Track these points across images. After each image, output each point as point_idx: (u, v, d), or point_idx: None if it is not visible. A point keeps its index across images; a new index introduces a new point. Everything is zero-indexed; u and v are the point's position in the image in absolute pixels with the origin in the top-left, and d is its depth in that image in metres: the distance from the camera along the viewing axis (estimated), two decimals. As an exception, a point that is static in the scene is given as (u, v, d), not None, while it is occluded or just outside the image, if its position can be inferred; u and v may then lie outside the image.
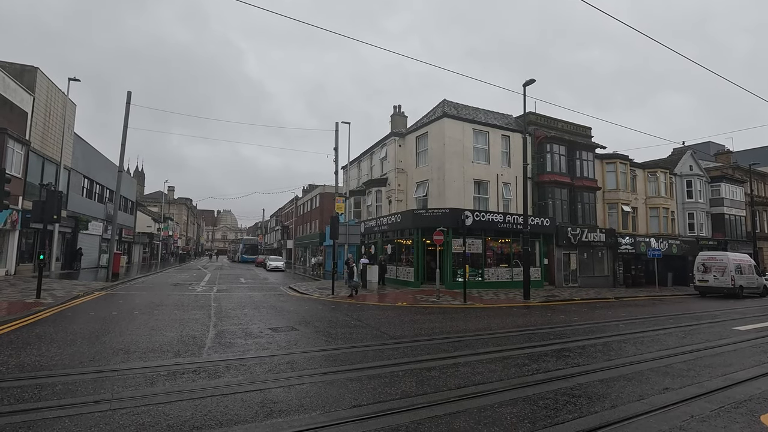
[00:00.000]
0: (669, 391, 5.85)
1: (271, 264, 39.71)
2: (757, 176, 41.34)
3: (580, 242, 26.32)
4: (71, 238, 27.56)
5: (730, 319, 13.92)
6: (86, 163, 28.93)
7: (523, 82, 18.87)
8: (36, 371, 5.95)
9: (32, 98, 21.46)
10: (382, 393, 5.47)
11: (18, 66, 21.57)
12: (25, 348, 7.21)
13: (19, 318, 9.84)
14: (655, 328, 11.69)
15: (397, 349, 8.17)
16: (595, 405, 5.23)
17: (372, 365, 6.86)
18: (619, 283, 28.63)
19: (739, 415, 5.03)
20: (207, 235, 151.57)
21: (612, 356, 8.05)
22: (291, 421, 4.46)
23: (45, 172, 22.83)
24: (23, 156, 20.36)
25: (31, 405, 4.74)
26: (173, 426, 4.29)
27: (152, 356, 6.97)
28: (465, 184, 23.71)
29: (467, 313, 13.80)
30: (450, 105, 26.00)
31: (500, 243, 24.02)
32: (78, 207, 27.67)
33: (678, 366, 7.35)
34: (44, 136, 22.76)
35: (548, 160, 26.65)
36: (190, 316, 11.21)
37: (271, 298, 16.67)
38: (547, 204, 26.13)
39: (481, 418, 4.71)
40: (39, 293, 12.78)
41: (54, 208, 13.26)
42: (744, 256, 25.59)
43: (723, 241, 34.51)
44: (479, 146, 24.76)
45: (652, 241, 29.77)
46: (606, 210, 29.63)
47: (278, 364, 6.78)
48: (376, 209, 28.36)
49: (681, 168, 34.91)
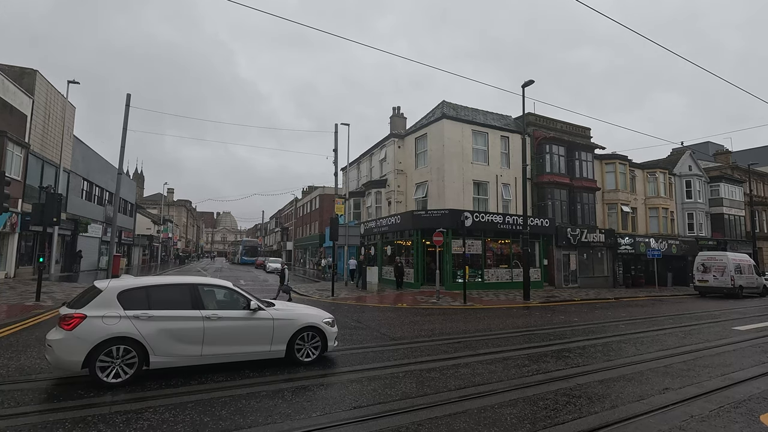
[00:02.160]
0: (669, 392, 5.86)
1: (271, 266, 39.76)
2: (756, 176, 41.39)
3: (580, 243, 26.33)
4: (71, 240, 27.55)
5: (730, 319, 13.93)
6: (86, 165, 28.94)
7: (522, 83, 18.90)
8: (36, 374, 5.96)
9: (31, 101, 21.47)
10: (383, 394, 5.48)
11: (17, 69, 21.59)
12: (26, 351, 7.21)
13: (18, 321, 9.85)
14: (655, 329, 11.70)
15: (397, 350, 8.18)
16: (595, 405, 5.24)
17: (372, 366, 6.87)
18: (618, 284, 28.64)
19: (739, 414, 5.04)
20: (207, 237, 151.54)
21: (612, 357, 8.06)
22: (292, 423, 4.47)
23: (44, 174, 22.83)
24: (23, 158, 20.36)
25: (32, 408, 4.76)
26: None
27: (152, 358, 6.96)
28: (464, 185, 23.73)
29: (467, 314, 13.80)
30: (449, 106, 26.03)
31: (500, 244, 24.03)
32: (78, 209, 27.66)
33: (678, 366, 7.36)
34: (44, 139, 22.77)
35: (547, 160, 26.67)
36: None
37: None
38: (546, 205, 26.14)
39: (481, 419, 4.72)
40: (39, 296, 12.77)
41: (53, 210, 13.26)
42: (743, 256, 25.61)
43: (722, 241, 34.54)
44: (478, 147, 24.79)
45: (651, 242, 29.78)
46: (605, 210, 29.64)
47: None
48: (376, 210, 28.37)
49: (680, 168, 34.95)
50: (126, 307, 5.71)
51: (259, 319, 6.57)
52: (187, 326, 5.96)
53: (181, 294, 6.21)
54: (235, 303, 6.61)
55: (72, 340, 5.31)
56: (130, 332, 5.55)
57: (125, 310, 5.68)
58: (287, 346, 6.71)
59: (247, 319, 6.48)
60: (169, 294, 6.15)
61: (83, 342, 5.33)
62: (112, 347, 5.44)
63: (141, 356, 5.59)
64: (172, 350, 5.80)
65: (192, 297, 6.22)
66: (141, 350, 5.60)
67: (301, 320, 6.93)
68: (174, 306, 6.02)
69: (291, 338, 6.74)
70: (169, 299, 6.06)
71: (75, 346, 5.30)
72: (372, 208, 28.86)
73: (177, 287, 6.31)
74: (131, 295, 5.85)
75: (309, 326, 6.95)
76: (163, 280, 6.45)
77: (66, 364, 5.36)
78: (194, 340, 5.96)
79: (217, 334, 6.16)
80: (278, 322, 6.69)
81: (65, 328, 5.37)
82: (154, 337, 5.68)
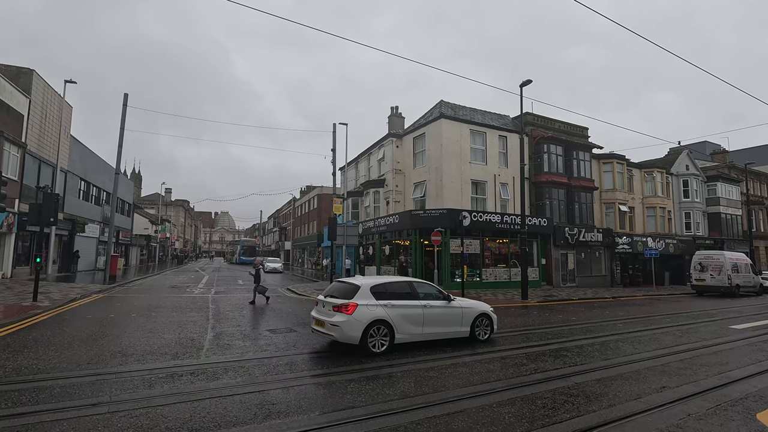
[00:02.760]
0: (666, 390, 5.88)
1: (269, 266, 39.68)
2: (753, 175, 41.54)
3: (578, 242, 26.39)
4: (68, 240, 27.45)
5: (727, 318, 13.99)
6: (83, 165, 28.83)
7: (520, 83, 18.93)
8: (33, 374, 5.94)
9: (28, 100, 21.38)
10: (381, 393, 5.48)
11: (14, 68, 21.49)
12: (23, 351, 7.18)
13: (15, 321, 9.80)
14: (652, 327, 11.74)
15: (394, 349, 8.17)
16: (592, 404, 5.25)
17: (370, 366, 6.87)
18: (616, 283, 28.72)
19: (736, 413, 5.06)
20: (205, 236, 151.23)
21: (609, 355, 8.09)
22: (290, 423, 4.47)
23: (41, 174, 22.73)
24: (19, 158, 20.28)
25: (28, 408, 4.73)
26: (172, 428, 4.29)
27: (150, 359, 6.96)
28: (463, 185, 23.75)
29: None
30: (447, 106, 26.05)
31: (498, 243, 24.06)
32: (75, 209, 27.56)
33: (675, 365, 7.39)
34: (40, 139, 22.68)
35: (545, 160, 26.72)
36: (188, 318, 11.19)
37: (269, 299, 16.63)
38: (544, 204, 26.19)
39: (479, 418, 4.73)
40: (36, 296, 12.72)
41: (50, 210, 13.21)
42: (740, 255, 25.72)
43: (719, 240, 34.66)
44: (476, 147, 24.82)
45: (649, 241, 29.87)
46: (603, 210, 29.71)
47: (277, 365, 6.79)
48: (374, 210, 28.37)
49: (677, 168, 35.07)
50: (377, 298, 7.89)
51: (454, 307, 8.77)
52: (415, 312, 8.16)
53: (403, 288, 8.45)
54: (436, 295, 8.82)
55: (353, 321, 7.51)
56: (384, 316, 7.76)
57: (377, 300, 7.86)
58: (471, 328, 8.89)
59: (447, 307, 8.70)
60: (398, 288, 8.37)
61: (359, 322, 7.52)
62: (374, 327, 7.61)
63: (390, 334, 7.76)
64: (407, 330, 8.01)
65: (411, 290, 8.48)
66: (390, 329, 7.78)
67: (478, 309, 9.16)
68: (403, 297, 8.21)
69: (473, 322, 8.94)
70: (398, 292, 8.26)
71: (355, 325, 7.50)
72: (370, 208, 28.85)
73: (401, 284, 8.63)
74: (377, 290, 8.03)
75: (483, 313, 9.15)
76: (390, 279, 8.90)
77: (349, 339, 7.52)
78: (418, 322, 8.15)
79: (431, 317, 8.33)
80: (465, 309, 8.92)
81: (347, 313, 7.56)
82: (396, 319, 7.87)
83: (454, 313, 8.71)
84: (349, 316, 7.53)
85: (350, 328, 7.48)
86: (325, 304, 8.05)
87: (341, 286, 8.36)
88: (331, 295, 8.22)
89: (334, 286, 8.55)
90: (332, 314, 7.73)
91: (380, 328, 7.68)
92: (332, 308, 7.77)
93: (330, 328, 7.64)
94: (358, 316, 7.52)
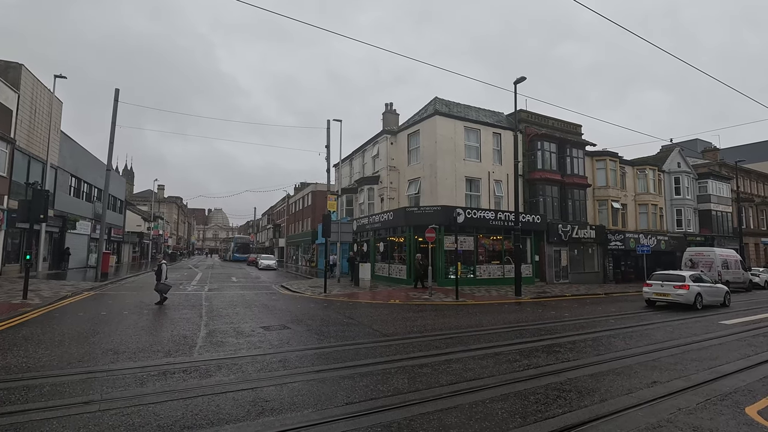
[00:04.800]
0: (657, 385, 5.94)
1: (263, 262, 39.49)
2: (743, 173, 42.03)
3: (571, 239, 26.56)
4: (59, 237, 27.13)
5: (717, 314, 14.17)
6: (74, 161, 28.47)
7: (514, 80, 18.94)
8: (23, 373, 5.86)
9: (17, 95, 21.05)
10: (375, 390, 5.48)
11: (2, 63, 21.14)
12: (12, 349, 7.09)
13: (5, 319, 9.67)
14: (644, 323, 11.86)
15: (389, 346, 8.18)
16: (584, 399, 5.30)
17: (364, 362, 6.87)
18: (609, 279, 28.96)
19: (725, 407, 5.13)
20: (198, 233, 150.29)
21: (601, 351, 8.16)
22: (283, 420, 4.46)
23: (31, 170, 22.41)
24: (8, 154, 19.97)
25: (17, 407, 4.67)
26: (163, 426, 4.26)
27: (142, 356, 6.91)
28: (457, 182, 23.78)
29: (459, 310, 13.86)
30: (441, 103, 26.03)
31: (492, 240, 24.14)
32: (66, 206, 27.24)
33: (666, 360, 7.47)
34: (30, 134, 22.36)
35: (539, 157, 26.82)
36: (181, 316, 11.12)
37: (263, 296, 16.59)
38: (538, 201, 26.31)
39: (472, 414, 4.74)
40: (26, 294, 12.58)
41: (40, 207, 13.04)
42: (730, 252, 26.04)
43: (710, 237, 35.07)
44: (471, 144, 24.84)
45: (641, 237, 30.12)
46: (596, 207, 29.93)
47: (270, 362, 6.76)
48: (369, 207, 28.32)
49: (669, 165, 35.38)
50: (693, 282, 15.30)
51: (717, 287, 16.44)
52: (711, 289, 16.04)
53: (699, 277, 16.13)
54: (706, 279, 16.46)
55: (690, 293, 14.90)
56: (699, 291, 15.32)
57: (693, 283, 15.23)
58: (723, 299, 16.42)
59: (713, 286, 16.24)
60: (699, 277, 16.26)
61: (692, 294, 14.94)
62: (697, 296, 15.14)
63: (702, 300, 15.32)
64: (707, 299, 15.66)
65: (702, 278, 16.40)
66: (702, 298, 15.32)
67: (724, 289, 16.79)
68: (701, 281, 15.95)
69: (724, 295, 16.51)
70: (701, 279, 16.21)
71: (691, 296, 14.91)
72: (365, 205, 28.81)
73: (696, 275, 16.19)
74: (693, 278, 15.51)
75: (726, 291, 16.76)
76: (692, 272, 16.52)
77: (688, 303, 14.83)
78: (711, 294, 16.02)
79: (709, 293, 15.75)
80: (721, 289, 16.63)
81: (685, 289, 14.89)
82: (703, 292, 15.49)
83: (718, 290, 16.38)
84: (687, 291, 14.84)
85: (689, 297, 14.82)
86: (663, 285, 15.38)
87: (671, 275, 15.88)
88: (666, 281, 15.55)
89: (664, 275, 16.08)
90: (675, 290, 14.99)
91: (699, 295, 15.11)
92: (673, 286, 15.06)
93: (675, 297, 14.94)
94: (690, 291, 14.90)
